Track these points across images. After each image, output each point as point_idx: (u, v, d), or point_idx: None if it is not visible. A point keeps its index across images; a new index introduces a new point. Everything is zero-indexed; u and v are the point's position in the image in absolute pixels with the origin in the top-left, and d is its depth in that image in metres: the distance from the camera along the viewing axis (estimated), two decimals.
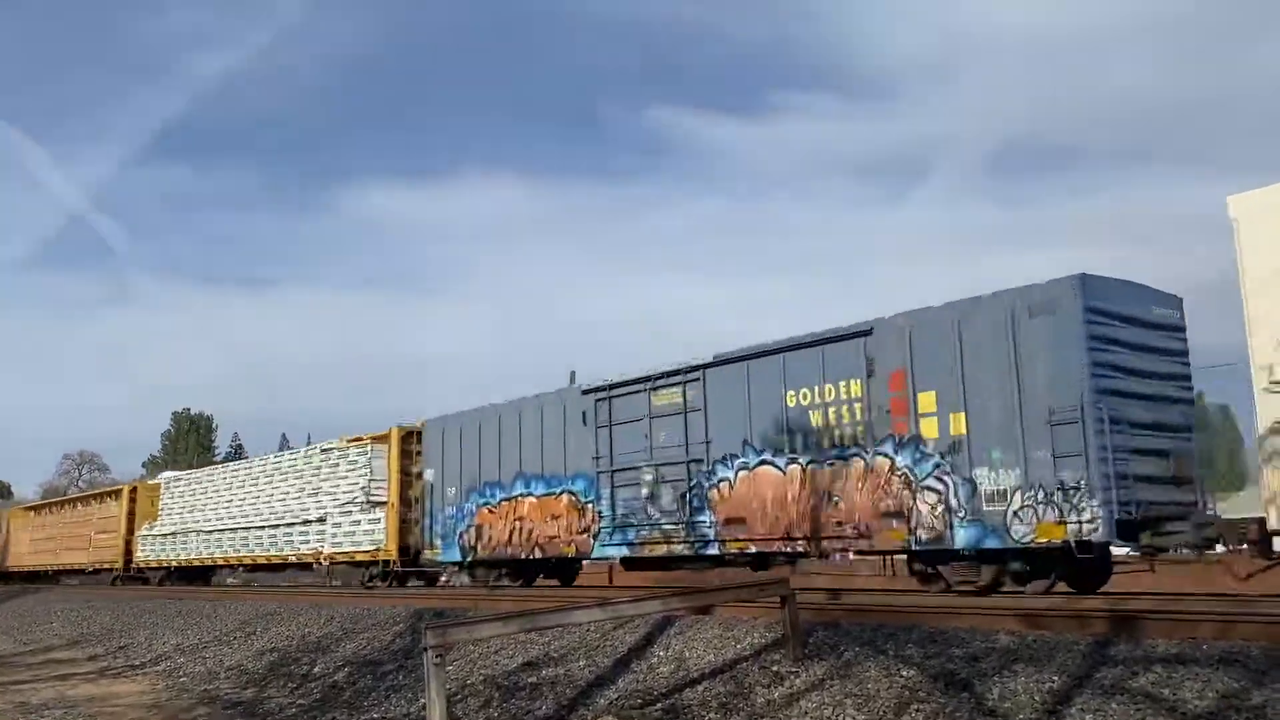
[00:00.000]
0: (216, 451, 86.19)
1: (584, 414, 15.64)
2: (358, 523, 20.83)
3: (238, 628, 16.43)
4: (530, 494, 16.56)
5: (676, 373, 14.37)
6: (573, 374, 22.42)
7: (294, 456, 25.07)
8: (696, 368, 14.14)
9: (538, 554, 16.41)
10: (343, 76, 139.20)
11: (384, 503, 20.46)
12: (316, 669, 12.44)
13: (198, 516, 28.20)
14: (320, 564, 22.31)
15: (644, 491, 14.51)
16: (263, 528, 24.53)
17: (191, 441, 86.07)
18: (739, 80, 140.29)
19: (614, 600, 8.41)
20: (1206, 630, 6.96)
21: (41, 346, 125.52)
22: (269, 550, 24.13)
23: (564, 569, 18.29)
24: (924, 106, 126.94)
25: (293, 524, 23.22)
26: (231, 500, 26.84)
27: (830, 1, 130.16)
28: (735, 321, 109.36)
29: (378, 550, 20.22)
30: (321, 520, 22.08)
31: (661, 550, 14.31)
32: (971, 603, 10.05)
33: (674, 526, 14.02)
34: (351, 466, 21.62)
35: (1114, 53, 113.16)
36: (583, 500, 15.57)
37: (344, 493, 21.60)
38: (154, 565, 30.32)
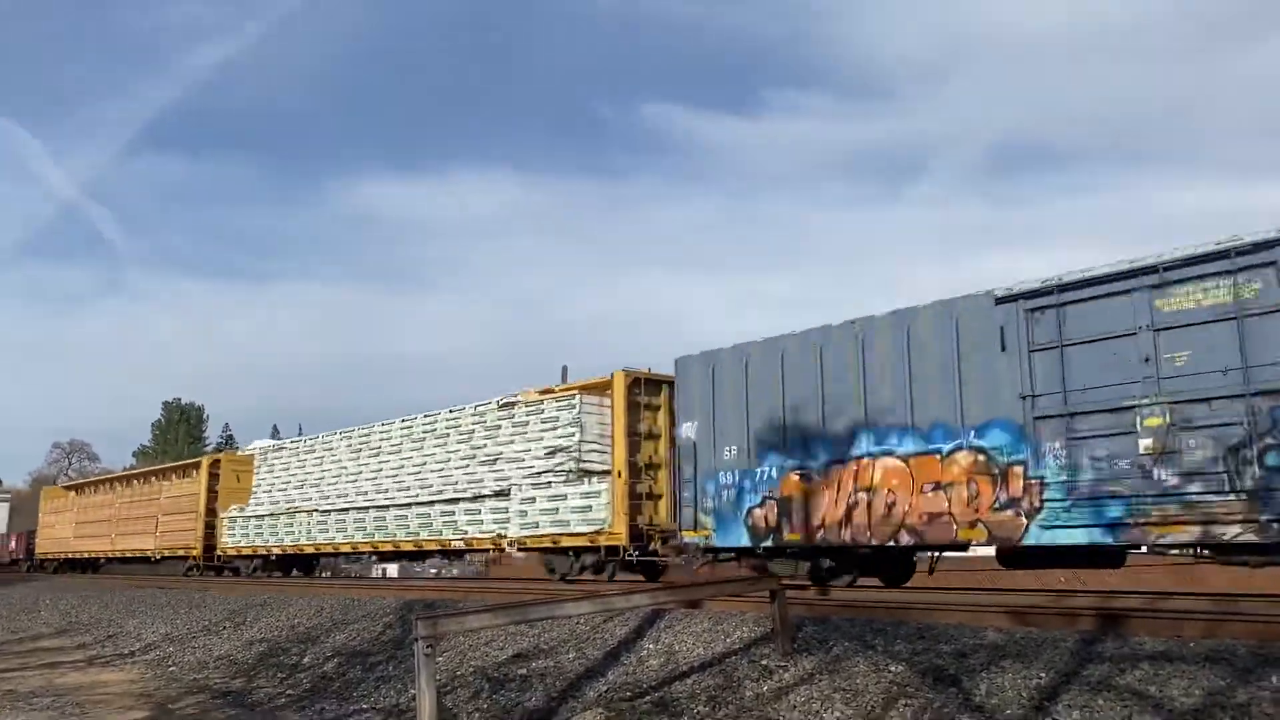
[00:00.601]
0: (207, 442, 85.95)
1: (1001, 332, 10.84)
2: (561, 497, 16.14)
3: (227, 617, 16.41)
4: (888, 452, 11.53)
5: (1217, 256, 9.40)
6: (564, 370, 19.95)
7: (455, 415, 19.29)
8: (1269, 244, 9.11)
9: (907, 539, 11.26)
10: (337, 70, 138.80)
11: (604, 471, 15.87)
12: (306, 659, 12.44)
13: (309, 494, 22.98)
14: (504, 550, 17.63)
15: (1142, 444, 9.72)
16: (408, 505, 19.60)
17: (181, 432, 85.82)
18: (734, 78, 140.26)
19: (604, 593, 8.42)
20: (1193, 629, 7.01)
21: (32, 336, 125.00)
22: (418, 534, 19.17)
23: (902, 562, 13.05)
24: (919, 105, 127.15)
25: (456, 500, 18.31)
26: (360, 473, 21.52)
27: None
28: (729, 320, 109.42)
29: (598, 533, 15.48)
30: (502, 495, 17.35)
31: (1189, 533, 9.31)
32: (959, 599, 10.09)
33: (1220, 497, 9.15)
34: (548, 425, 16.93)
35: (1107, 53, 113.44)
36: (1003, 460, 10.61)
37: (538, 459, 16.78)
38: (246, 553, 25.31)
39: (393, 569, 35.07)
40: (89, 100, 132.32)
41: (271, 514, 24.08)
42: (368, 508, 20.71)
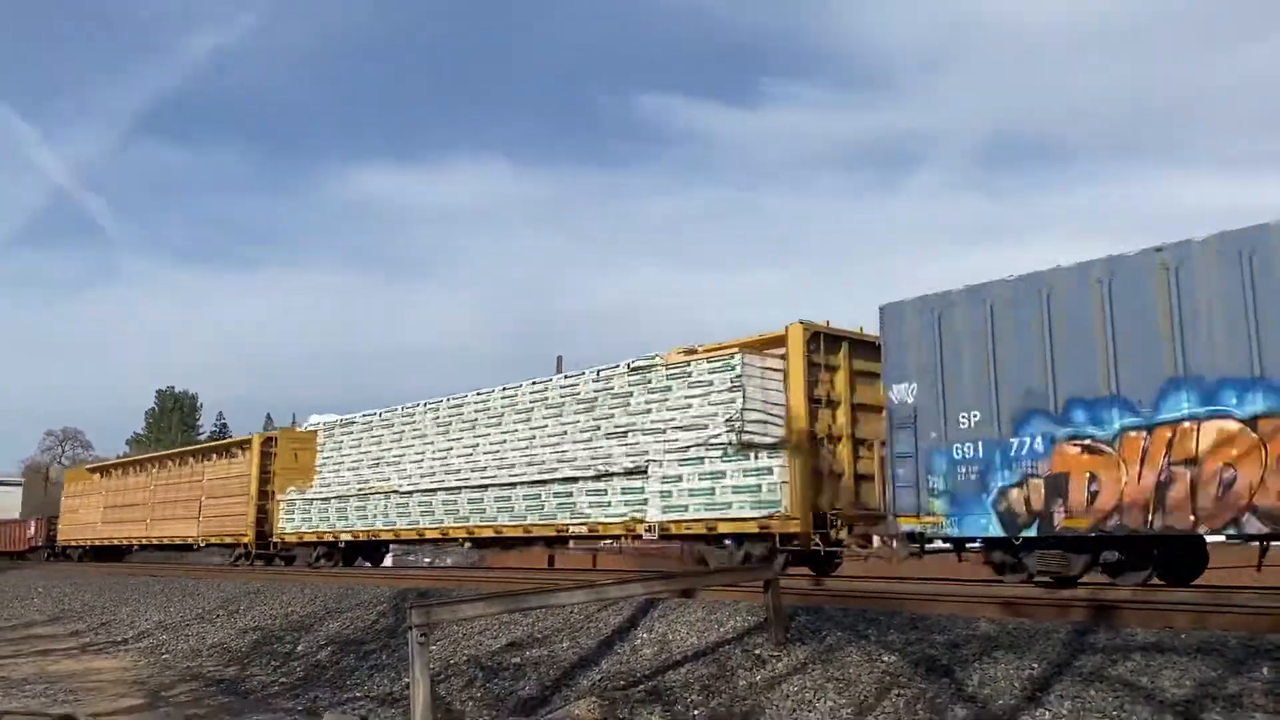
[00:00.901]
0: (200, 431, 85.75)
1: None
2: (717, 475, 13.52)
3: (220, 605, 16.42)
4: (1221, 413, 9.01)
5: None
6: (559, 360, 19.19)
7: (571, 382, 16.80)
8: None
9: (1255, 526, 8.76)
10: (332, 58, 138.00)
11: (771, 444, 13.29)
12: (300, 647, 12.45)
13: (386, 472, 20.18)
14: (639, 537, 15.04)
15: None
16: (511, 485, 16.87)
17: (175, 420, 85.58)
18: (732, 67, 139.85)
19: (598, 582, 8.44)
20: (1184, 620, 7.04)
21: (25, 323, 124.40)
22: (524, 518, 16.54)
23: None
24: (917, 97, 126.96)
25: (574, 479, 15.71)
26: (451, 449, 18.76)
27: None
28: (726, 311, 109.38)
29: (770, 517, 12.80)
30: (636, 473, 14.67)
31: None
32: (953, 590, 10.12)
33: None
34: (698, 391, 14.30)
35: (1105, 47, 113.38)
36: None
37: (684, 430, 14.19)
38: (309, 539, 22.21)
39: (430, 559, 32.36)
40: (83, 87, 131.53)
41: (340, 496, 21.03)
42: (459, 488, 17.90)
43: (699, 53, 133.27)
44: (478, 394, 18.61)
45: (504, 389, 18.02)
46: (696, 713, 7.25)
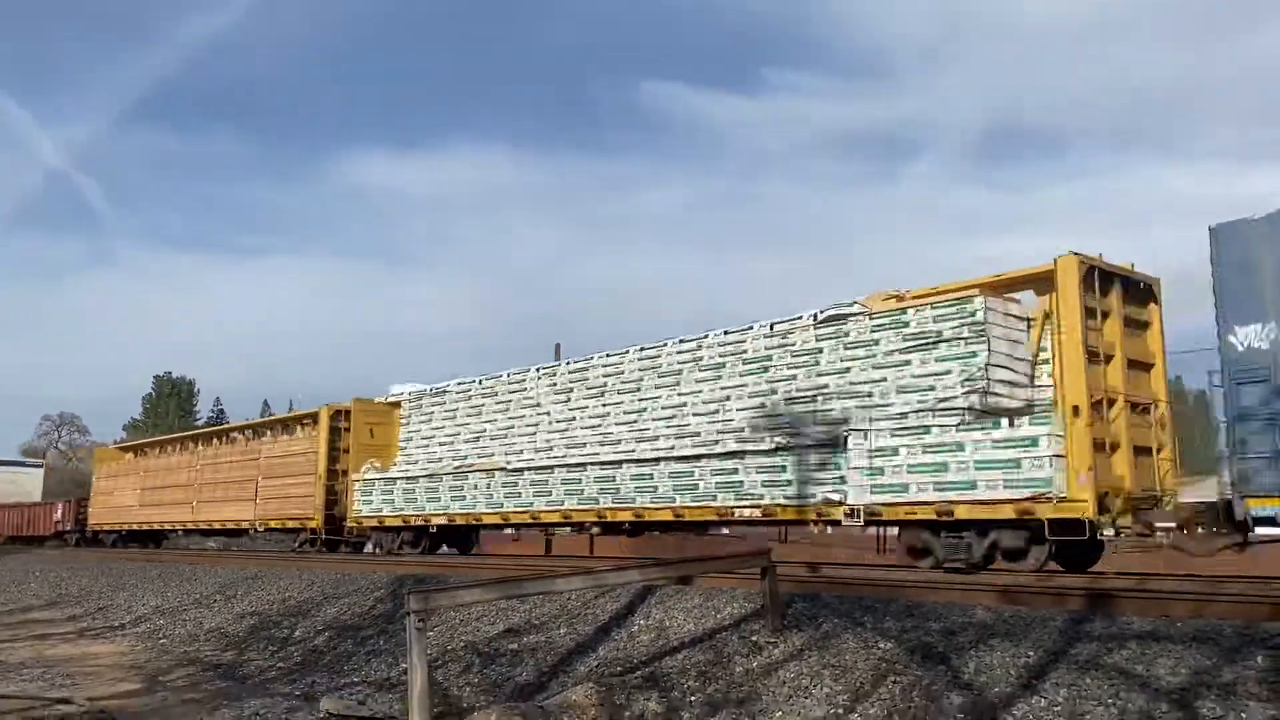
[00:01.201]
0: (198, 416, 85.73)
1: None
2: (951, 448, 11.24)
3: (218, 590, 16.43)
4: None
5: None
6: (558, 347, 18.67)
7: (735, 339, 14.45)
8: None
9: None
10: (330, 44, 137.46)
11: (1020, 408, 11.27)
12: (297, 633, 12.47)
13: (489, 448, 17.95)
14: (834, 523, 12.64)
15: None
16: (655, 460, 14.53)
17: (172, 405, 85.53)
18: (732, 56, 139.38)
19: (596, 569, 8.45)
20: (1180, 609, 7.06)
21: (20, 307, 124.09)
22: (675, 500, 14.19)
23: None
24: (917, 86, 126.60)
25: (739, 453, 13.45)
26: (573, 419, 16.56)
27: None
28: (725, 300, 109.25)
29: (1034, 499, 10.60)
30: (828, 445, 12.41)
31: None
32: (949, 578, 10.15)
33: None
34: (918, 344, 12.02)
35: (1104, 38, 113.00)
36: None
37: (902, 393, 11.97)
38: (391, 523, 19.76)
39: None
40: (80, 71, 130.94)
41: (431, 475, 18.64)
42: (585, 464, 15.65)
43: (700, 41, 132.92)
44: (607, 356, 16.44)
45: (640, 349, 15.84)
46: (693, 699, 7.27)
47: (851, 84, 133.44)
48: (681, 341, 15.21)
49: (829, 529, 14.01)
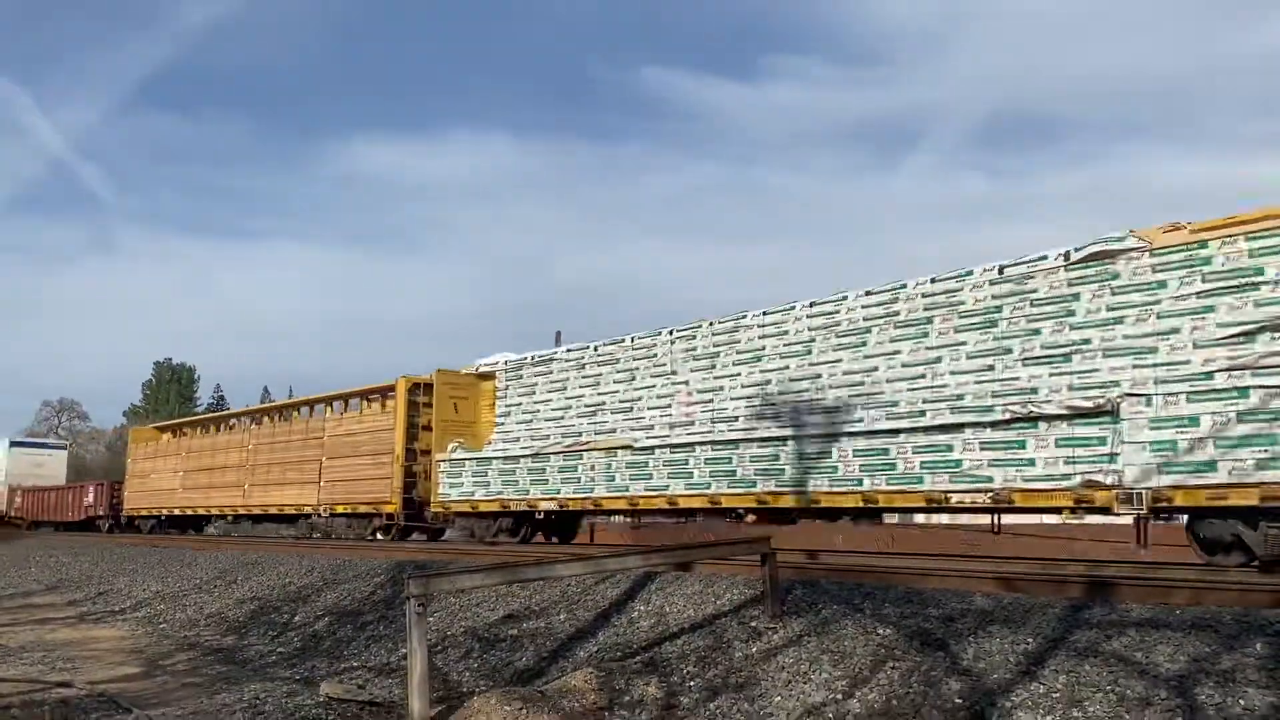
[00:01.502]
0: (198, 402, 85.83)
1: None
2: None
3: (218, 576, 16.46)
4: None
5: None
6: (558, 334, 17.95)
7: (948, 286, 12.24)
8: None
9: None
10: (332, 29, 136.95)
11: None
12: (297, 618, 12.50)
13: (611, 420, 15.75)
14: (1102, 510, 10.44)
15: None
16: (834, 436, 12.46)
17: (172, 392, 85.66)
18: (733, 43, 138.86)
19: (595, 554, 8.46)
20: (1180, 596, 7.06)
21: (20, 293, 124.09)
22: (863, 482, 12.14)
23: None
24: (917, 74, 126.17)
25: (959, 426, 11.34)
26: (720, 388, 14.36)
27: None
28: (725, 289, 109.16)
29: None
30: (1091, 415, 10.29)
31: None
32: (948, 565, 10.16)
33: None
34: (1226, 286, 9.94)
35: (1108, 25, 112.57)
36: None
37: (1206, 346, 9.88)
38: (487, 508, 17.49)
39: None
40: (81, 55, 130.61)
41: (535, 454, 16.62)
42: (738, 441, 13.54)
43: (700, 27, 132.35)
44: (763, 314, 14.18)
45: (811, 304, 13.58)
46: (692, 684, 7.29)
47: (852, 71, 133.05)
48: (867, 294, 12.96)
49: (1085, 518, 12.05)
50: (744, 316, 14.48)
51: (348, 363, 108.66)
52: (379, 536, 20.79)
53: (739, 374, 14.17)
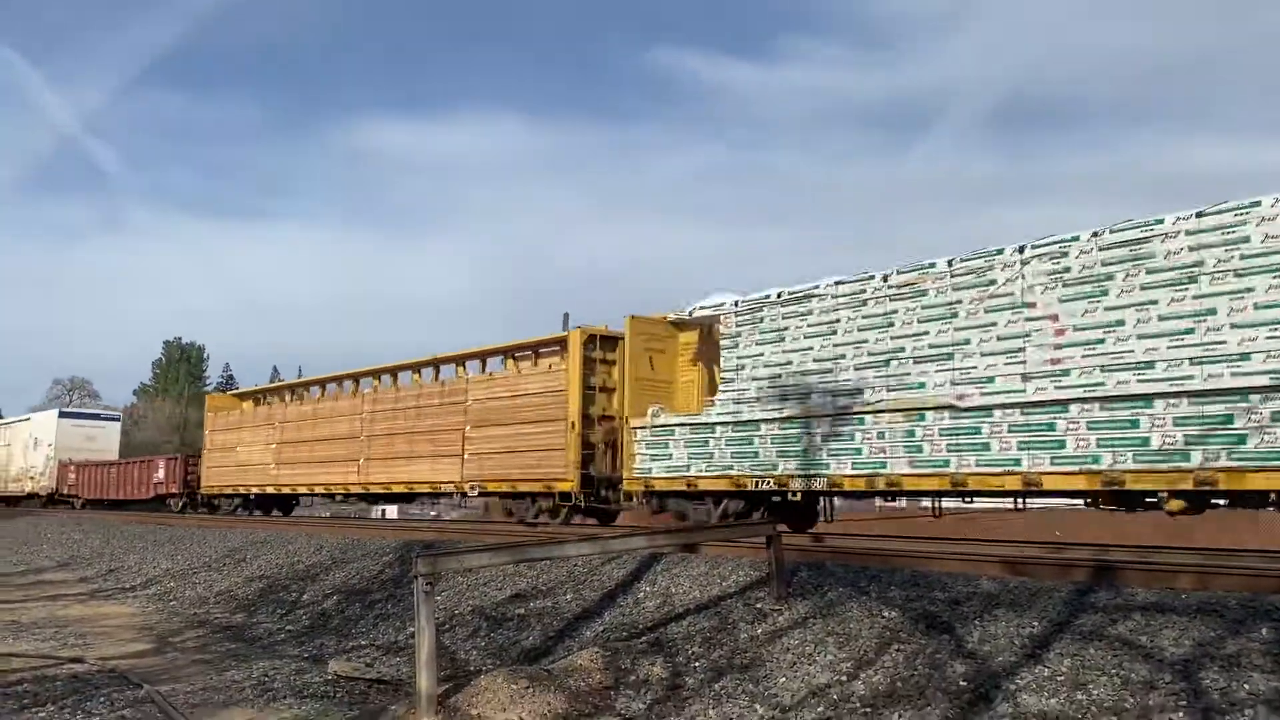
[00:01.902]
0: (207, 381, 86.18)
1: None
2: None
3: (227, 554, 16.58)
4: None
5: None
6: (565, 316, 16.93)
7: None
8: None
9: None
10: (342, 8, 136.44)
11: None
12: (306, 596, 12.59)
13: (911, 372, 11.50)
14: None
15: None
16: (1238, 393, 8.80)
17: (182, 371, 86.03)
18: (747, 24, 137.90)
19: (602, 535, 8.49)
20: (1185, 581, 7.06)
21: (30, 271, 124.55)
22: None
23: None
24: (931, 57, 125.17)
25: None
26: (1122, 322, 9.79)
27: None
28: (736, 269, 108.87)
29: None
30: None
31: None
32: (954, 548, 10.16)
33: None
34: None
35: (1124, 7, 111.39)
36: None
37: None
38: (710, 486, 13.63)
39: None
40: (92, 34, 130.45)
41: (783, 418, 12.80)
42: (1147, 397, 9.44)
43: (714, 7, 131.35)
44: (1174, 221, 9.65)
45: (1240, 211, 9.14)
46: (697, 664, 7.33)
47: (866, 53, 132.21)
48: None
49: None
50: (1161, 220, 9.78)
51: (358, 342, 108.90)
52: (544, 520, 17.24)
53: (1152, 304, 9.75)
